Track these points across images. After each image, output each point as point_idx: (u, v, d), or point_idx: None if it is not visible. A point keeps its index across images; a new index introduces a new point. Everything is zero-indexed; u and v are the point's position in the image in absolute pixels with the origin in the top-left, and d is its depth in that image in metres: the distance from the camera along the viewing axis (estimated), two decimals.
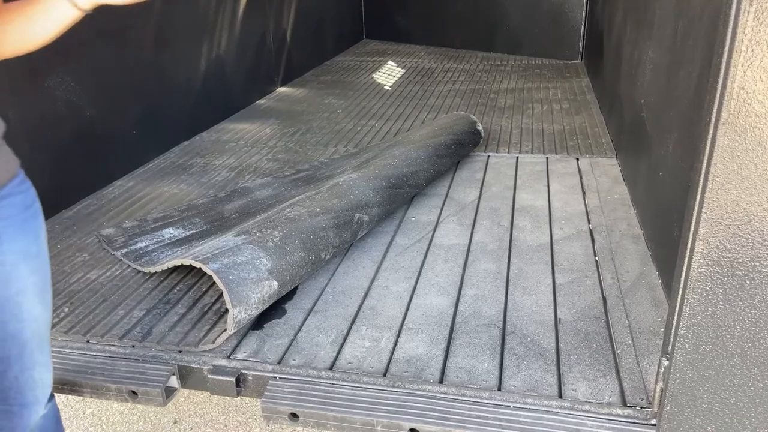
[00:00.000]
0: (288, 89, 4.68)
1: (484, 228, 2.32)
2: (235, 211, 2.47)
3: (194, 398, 2.43)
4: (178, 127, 3.41)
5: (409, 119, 3.75)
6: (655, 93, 2.17)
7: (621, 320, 1.74)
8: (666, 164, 1.95)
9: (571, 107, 3.85)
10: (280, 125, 3.73)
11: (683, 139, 1.76)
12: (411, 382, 1.52)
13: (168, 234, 2.29)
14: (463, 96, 4.26)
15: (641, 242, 2.15)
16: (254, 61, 4.27)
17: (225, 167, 3.04)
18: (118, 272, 2.08)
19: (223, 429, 2.27)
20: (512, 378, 1.53)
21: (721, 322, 1.13)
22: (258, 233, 1.86)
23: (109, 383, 1.58)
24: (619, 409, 1.41)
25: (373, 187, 2.27)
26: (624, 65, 2.91)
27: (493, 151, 3.13)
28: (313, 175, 2.82)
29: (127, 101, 2.97)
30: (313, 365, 1.60)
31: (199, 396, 2.43)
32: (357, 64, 5.56)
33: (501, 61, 5.44)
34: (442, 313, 1.80)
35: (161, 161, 3.16)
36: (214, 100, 3.75)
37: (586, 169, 2.85)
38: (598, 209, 2.43)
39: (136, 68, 3.02)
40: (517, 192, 2.63)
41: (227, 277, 1.65)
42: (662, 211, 1.96)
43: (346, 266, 2.08)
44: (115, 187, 2.83)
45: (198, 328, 1.76)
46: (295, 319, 1.80)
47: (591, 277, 1.96)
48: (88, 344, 1.71)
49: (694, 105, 1.66)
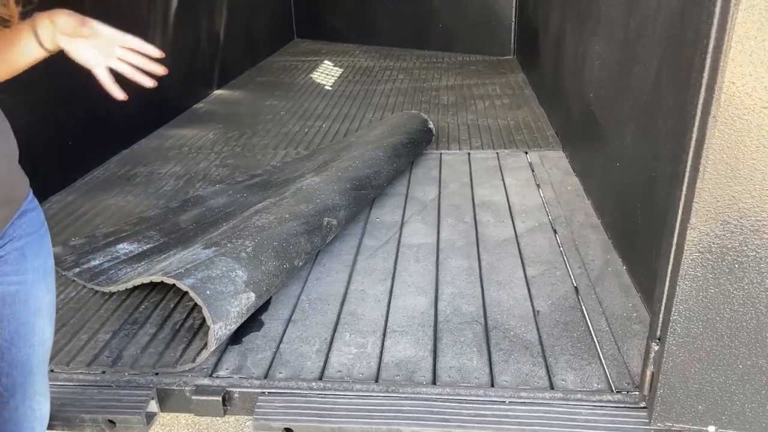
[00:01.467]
0: (225, 92, 4.54)
1: (449, 225, 2.34)
2: (191, 221, 2.37)
3: (161, 420, 2.31)
4: (115, 135, 3.23)
5: (356, 119, 3.73)
6: (606, 87, 2.25)
7: (595, 308, 1.79)
8: (623, 155, 2.03)
9: (512, 102, 3.95)
10: (223, 129, 3.61)
11: (642, 131, 1.84)
12: (405, 386, 1.51)
13: (123, 250, 2.16)
14: (406, 94, 4.28)
15: (601, 231, 2.23)
16: (189, 64, 4.12)
17: (172, 175, 2.92)
18: (73, 294, 1.95)
19: None
20: (503, 373, 1.54)
21: (712, 305, 1.19)
22: (229, 244, 1.80)
23: (83, 413, 1.48)
24: (609, 395, 1.46)
25: (338, 190, 2.24)
26: (566, 60, 3.01)
27: (445, 148, 3.16)
28: (267, 179, 2.75)
29: (61, 109, 2.79)
30: (302, 377, 1.56)
31: (165, 418, 2.32)
32: (292, 64, 5.48)
33: (436, 58, 5.50)
34: (423, 313, 1.80)
35: (101, 172, 2.99)
36: (150, 105, 3.58)
37: (537, 163, 2.93)
38: (555, 201, 2.51)
39: (69, 73, 2.84)
40: (474, 188, 2.67)
41: (204, 292, 1.58)
42: (621, 200, 2.04)
43: (318, 272, 2.04)
44: (53, 202, 2.65)
45: (172, 347, 1.67)
46: (274, 330, 1.75)
47: (560, 267, 2.02)
48: (53, 373, 1.59)
49: (653, 98, 1.74)
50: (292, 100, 4.25)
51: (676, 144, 1.53)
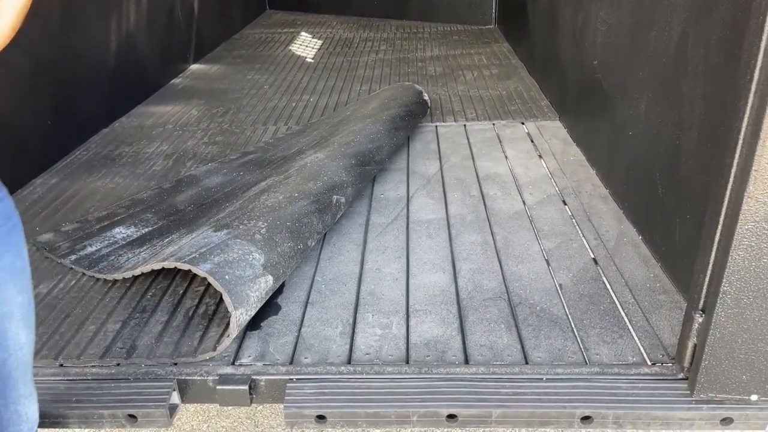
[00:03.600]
0: (202, 66, 4.37)
1: (456, 200, 2.28)
2: (188, 202, 2.26)
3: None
4: (94, 113, 3.07)
5: (343, 92, 3.62)
6: (615, 54, 2.21)
7: (617, 279, 1.77)
8: (637, 124, 2.00)
9: (500, 72, 3.89)
10: (206, 105, 3.47)
11: (660, 98, 1.81)
12: (437, 366, 1.47)
13: (120, 234, 2.05)
14: (391, 65, 4.18)
15: (610, 201, 2.21)
16: (165, 38, 3.93)
17: (159, 155, 2.79)
18: (73, 282, 1.84)
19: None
20: (535, 350, 1.51)
21: (764, 275, 1.17)
22: (241, 226, 1.71)
23: (101, 409, 1.40)
24: (646, 368, 1.44)
25: (343, 166, 2.16)
26: (562, 29, 2.95)
27: (440, 120, 3.09)
28: (261, 157, 2.65)
29: (39, 88, 2.62)
30: (329, 361, 1.50)
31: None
32: (268, 36, 5.30)
33: (416, 28, 5.39)
34: (444, 291, 1.76)
35: (82, 153, 2.84)
36: (128, 82, 3.41)
37: (535, 133, 2.89)
38: (559, 172, 2.48)
39: (45, 50, 2.67)
40: (476, 160, 2.62)
41: (223, 277, 1.50)
42: (634, 170, 2.02)
43: (329, 252, 1.97)
44: (36, 186, 2.51)
45: (188, 335, 1.59)
46: (293, 313, 1.68)
47: (575, 239, 1.99)
48: (63, 368, 1.50)
49: (676, 62, 1.70)
50: (274, 74, 4.11)
51: (707, 109, 1.49)
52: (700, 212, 1.55)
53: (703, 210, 1.53)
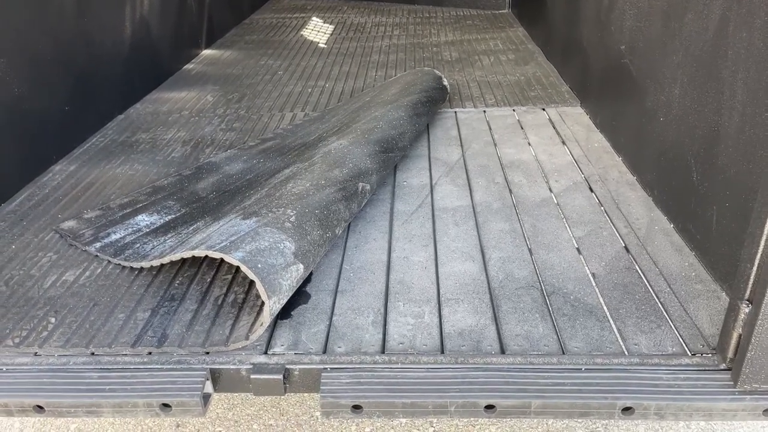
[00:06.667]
0: (214, 51, 4.33)
1: (481, 187, 2.26)
2: (210, 190, 2.24)
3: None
4: (111, 99, 3.04)
5: (359, 78, 3.58)
6: (645, 38, 2.17)
7: (651, 268, 1.75)
8: (669, 110, 1.96)
9: (517, 58, 3.84)
10: (221, 91, 3.44)
11: (697, 83, 1.77)
12: (473, 356, 1.45)
13: (143, 222, 2.03)
14: (406, 51, 4.13)
15: (638, 188, 2.18)
16: (178, 23, 3.88)
17: (177, 141, 2.76)
18: (99, 270, 1.82)
19: (233, 426, 2.10)
20: (572, 339, 1.49)
21: None
22: (270, 214, 1.69)
23: (136, 398, 1.38)
24: (687, 358, 1.42)
25: (367, 153, 2.13)
26: (585, 13, 2.90)
27: (459, 106, 3.05)
28: (281, 144, 2.62)
29: (56, 74, 2.59)
30: (363, 350, 1.48)
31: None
32: (279, 21, 5.25)
33: (429, 13, 5.33)
34: (475, 279, 1.73)
35: (99, 139, 2.81)
36: (142, 67, 3.38)
37: (557, 119, 2.85)
38: (584, 159, 2.44)
39: (61, 36, 2.63)
40: (498, 147, 2.59)
41: (256, 266, 1.47)
42: (666, 157, 1.98)
43: (355, 240, 1.95)
44: (54, 173, 2.48)
45: (219, 324, 1.58)
46: (323, 302, 1.66)
47: (605, 227, 1.96)
48: (95, 357, 1.49)
49: (715, 46, 1.66)
50: (288, 59, 4.07)
51: (749, 94, 1.46)
52: (740, 200, 1.52)
53: (743, 198, 1.51)
